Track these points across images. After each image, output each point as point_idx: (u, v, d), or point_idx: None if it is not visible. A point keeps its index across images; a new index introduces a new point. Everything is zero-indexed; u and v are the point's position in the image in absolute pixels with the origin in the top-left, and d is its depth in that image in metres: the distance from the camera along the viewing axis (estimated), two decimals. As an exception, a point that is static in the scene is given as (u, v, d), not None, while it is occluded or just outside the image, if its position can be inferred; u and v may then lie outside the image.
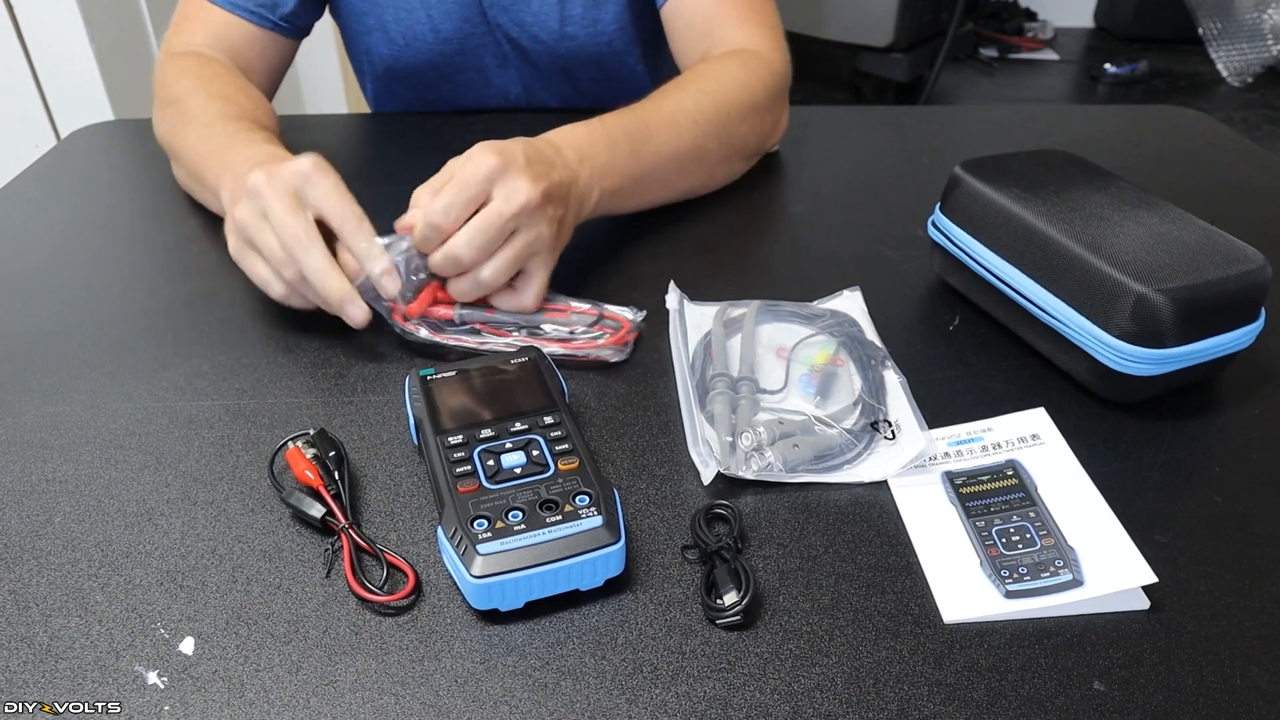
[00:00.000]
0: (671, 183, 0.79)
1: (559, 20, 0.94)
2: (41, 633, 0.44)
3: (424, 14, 0.94)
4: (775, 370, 0.61)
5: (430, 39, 0.95)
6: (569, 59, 0.97)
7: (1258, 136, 3.06)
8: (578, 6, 0.93)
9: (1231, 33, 3.50)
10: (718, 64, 0.84)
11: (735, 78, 0.82)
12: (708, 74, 0.82)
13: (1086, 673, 0.43)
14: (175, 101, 0.79)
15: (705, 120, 0.78)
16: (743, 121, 0.81)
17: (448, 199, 0.59)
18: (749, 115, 0.82)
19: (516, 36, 0.96)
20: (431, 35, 0.95)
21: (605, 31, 0.95)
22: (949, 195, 0.68)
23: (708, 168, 0.81)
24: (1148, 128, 1.03)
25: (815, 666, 0.43)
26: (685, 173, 0.79)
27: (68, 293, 0.70)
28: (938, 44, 3.02)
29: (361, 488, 0.53)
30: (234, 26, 0.87)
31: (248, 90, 0.83)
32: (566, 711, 0.41)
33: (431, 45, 0.96)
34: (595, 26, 0.95)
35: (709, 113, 0.78)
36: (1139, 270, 0.55)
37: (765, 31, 0.87)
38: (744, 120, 0.81)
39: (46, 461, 0.54)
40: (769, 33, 0.88)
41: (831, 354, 0.61)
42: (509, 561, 0.44)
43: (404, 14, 0.94)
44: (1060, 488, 0.52)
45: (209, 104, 0.77)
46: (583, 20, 0.94)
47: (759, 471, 0.52)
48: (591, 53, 0.96)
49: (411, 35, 0.95)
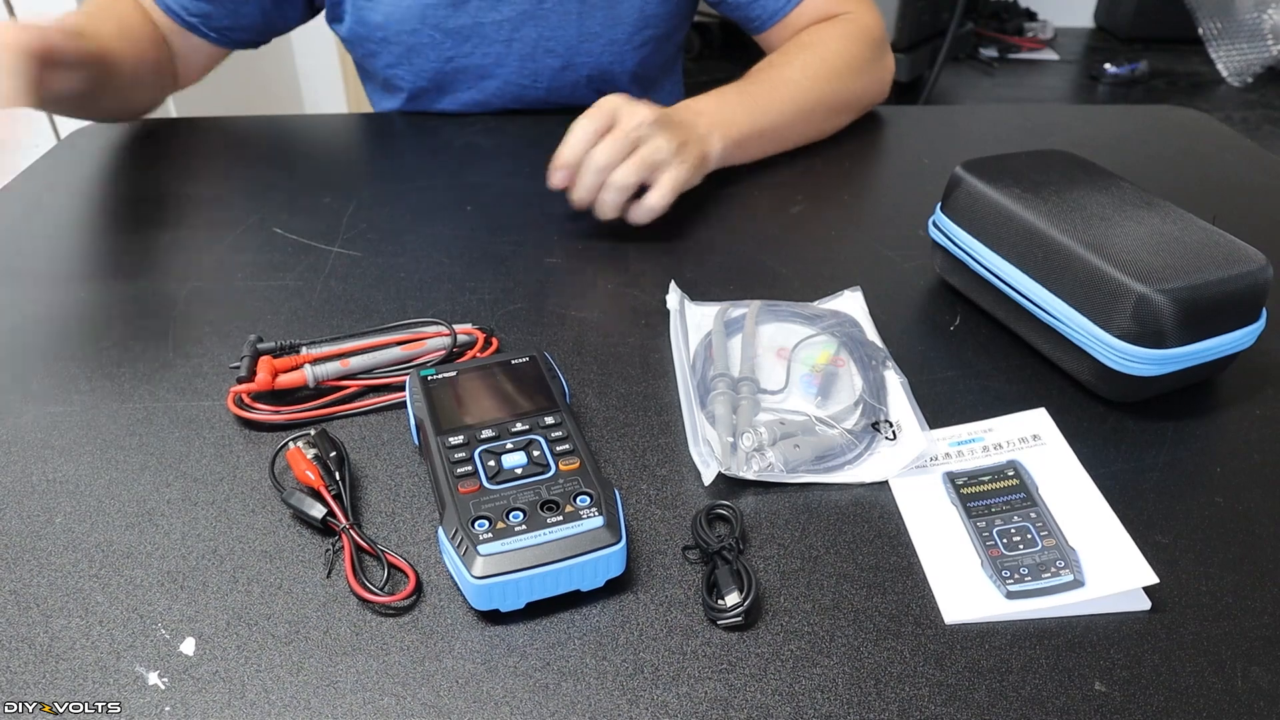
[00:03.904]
0: (786, 136, 0.89)
1: (577, 35, 0.96)
2: (42, 633, 0.44)
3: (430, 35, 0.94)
4: (776, 370, 0.61)
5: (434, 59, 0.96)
6: (577, 70, 0.99)
7: (1258, 136, 3.06)
8: (597, 23, 0.96)
9: (1231, 33, 3.50)
10: (817, 32, 0.94)
11: (836, 41, 0.92)
12: (810, 42, 0.93)
13: (1088, 673, 0.43)
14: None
15: (812, 81, 0.89)
16: (846, 79, 0.92)
17: (583, 125, 0.72)
18: (851, 73, 0.92)
19: (530, 52, 0.97)
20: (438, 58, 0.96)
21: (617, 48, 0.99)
22: (949, 195, 0.68)
23: (817, 122, 0.92)
24: (1148, 128, 1.03)
25: (816, 667, 0.43)
26: (797, 128, 0.90)
27: (68, 293, 0.70)
28: (938, 44, 3.02)
29: (362, 488, 0.53)
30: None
31: (121, 18, 0.87)
32: (567, 712, 0.41)
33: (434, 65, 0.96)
34: (610, 43, 0.98)
35: (815, 74, 0.89)
36: (1140, 270, 0.55)
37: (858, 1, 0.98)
38: (847, 78, 0.92)
39: (47, 462, 0.54)
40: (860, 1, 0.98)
41: (832, 354, 0.61)
42: (510, 562, 0.44)
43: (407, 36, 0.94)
44: (1061, 488, 0.52)
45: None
46: (600, 38, 0.97)
47: (760, 472, 0.52)
48: (604, 68, 1.00)
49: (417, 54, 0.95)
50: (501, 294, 0.69)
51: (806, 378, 0.60)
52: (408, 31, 0.93)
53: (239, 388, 0.57)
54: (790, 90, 0.88)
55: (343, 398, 0.59)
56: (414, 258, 0.74)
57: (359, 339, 0.62)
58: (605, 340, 0.65)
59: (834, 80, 0.90)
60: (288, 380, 0.58)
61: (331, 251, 0.75)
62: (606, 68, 1.00)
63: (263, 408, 0.57)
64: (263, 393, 0.57)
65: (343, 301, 0.69)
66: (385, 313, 0.67)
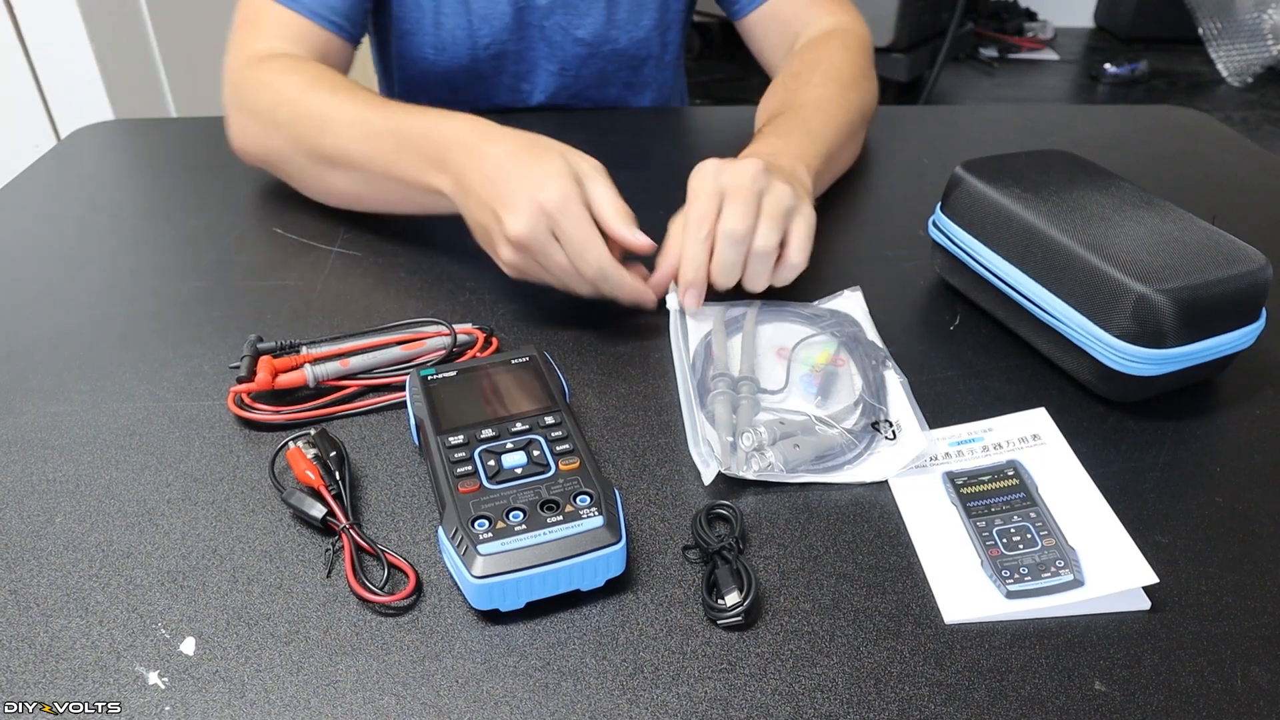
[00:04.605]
0: (841, 155, 0.84)
1: (605, 23, 0.97)
2: (42, 633, 0.44)
3: (465, 20, 0.94)
4: (776, 370, 0.61)
5: (467, 45, 0.95)
6: (607, 61, 1.00)
7: (1258, 136, 3.06)
8: (623, 10, 0.97)
9: (1231, 33, 3.50)
10: (821, 47, 0.90)
11: (841, 53, 0.90)
12: (819, 60, 0.89)
13: (1087, 673, 0.43)
14: (290, 102, 0.75)
15: (840, 94, 0.85)
16: (862, 86, 0.89)
17: (697, 208, 0.62)
18: (861, 83, 0.89)
19: (559, 40, 0.97)
20: (469, 41, 0.95)
21: (642, 35, 0.99)
22: (949, 195, 0.68)
23: (857, 135, 0.88)
24: (1148, 128, 1.03)
25: (816, 667, 0.43)
26: (849, 147, 0.86)
27: (68, 292, 0.70)
28: (938, 44, 3.02)
29: (362, 488, 0.53)
30: (311, 30, 0.83)
31: (364, 86, 0.77)
32: (567, 712, 0.41)
33: (468, 50, 0.96)
34: (635, 30, 0.99)
35: (840, 87, 0.86)
36: (1140, 270, 0.55)
37: (843, 7, 0.96)
38: (862, 85, 0.89)
39: (47, 461, 0.54)
40: (846, 7, 0.96)
41: (832, 354, 0.61)
42: (510, 562, 0.44)
43: (445, 19, 0.94)
44: (1061, 488, 0.52)
45: (340, 98, 0.72)
46: (626, 24, 0.98)
47: (760, 471, 0.52)
48: (631, 54, 1.00)
49: (450, 40, 0.95)
50: (501, 294, 0.69)
51: (806, 377, 0.60)
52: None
53: (239, 388, 0.57)
54: (829, 108, 0.84)
55: (343, 398, 0.59)
56: (414, 258, 0.74)
57: (359, 339, 0.62)
58: (605, 340, 0.65)
59: (853, 90, 0.88)
60: (288, 380, 0.58)
61: (331, 251, 0.75)
62: (634, 54, 1.01)
63: (263, 408, 0.57)
64: (263, 393, 0.57)
65: (343, 301, 0.69)
66: (385, 313, 0.67)
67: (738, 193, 0.62)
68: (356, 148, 0.70)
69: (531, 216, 0.58)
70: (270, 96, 0.76)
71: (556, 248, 0.59)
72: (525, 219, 0.58)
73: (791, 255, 0.63)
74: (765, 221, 0.62)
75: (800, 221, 0.64)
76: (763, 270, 0.63)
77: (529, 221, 0.58)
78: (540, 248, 0.59)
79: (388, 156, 0.69)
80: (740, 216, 0.61)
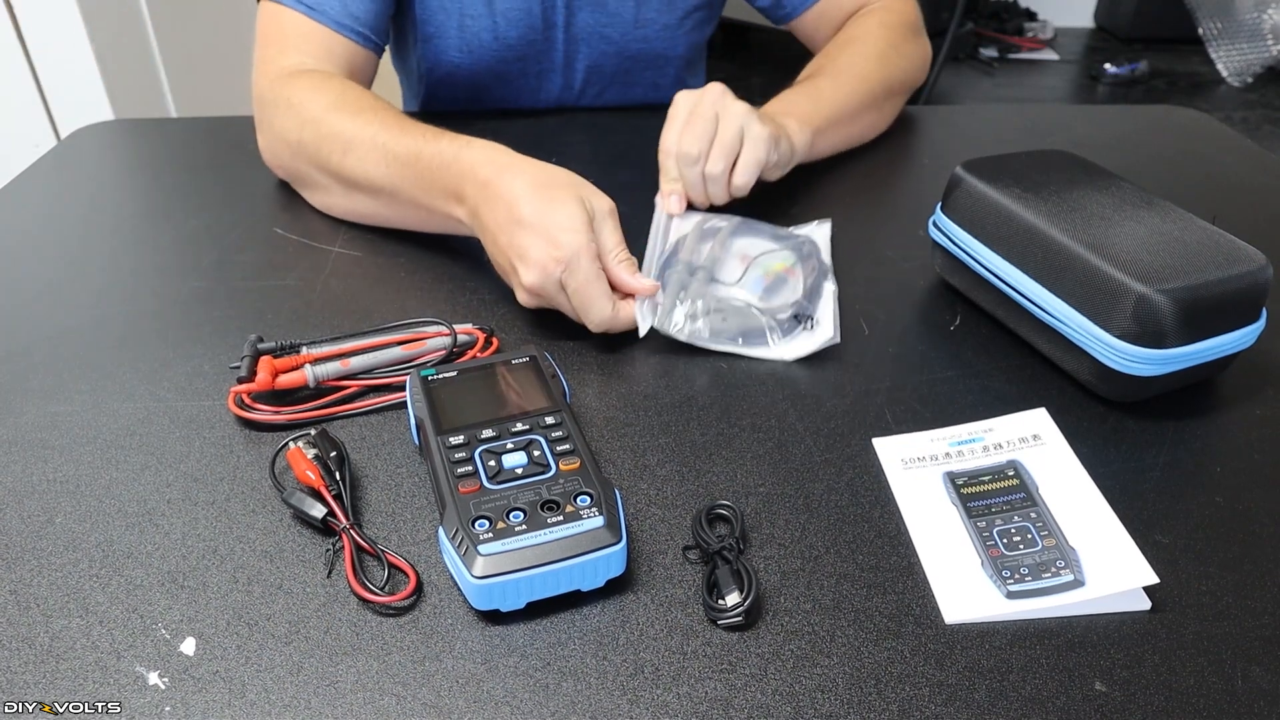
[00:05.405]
0: (855, 122, 0.91)
1: (633, 22, 0.98)
2: (42, 633, 0.44)
3: (489, 21, 0.94)
4: (735, 269, 0.69)
5: (493, 46, 0.95)
6: (633, 59, 1.01)
7: (1258, 136, 3.06)
8: (652, 9, 0.98)
9: (1231, 33, 3.50)
10: (858, 25, 0.97)
11: (877, 29, 0.96)
12: (854, 35, 0.96)
13: (1088, 673, 0.43)
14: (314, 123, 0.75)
15: (866, 67, 0.92)
16: (894, 61, 0.95)
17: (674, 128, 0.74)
18: (898, 55, 0.95)
19: (585, 37, 0.98)
20: (494, 43, 0.95)
21: (670, 35, 1.01)
22: (949, 195, 0.68)
23: (879, 105, 0.94)
24: (1148, 128, 1.03)
25: (816, 667, 0.43)
26: (866, 115, 0.92)
27: (68, 292, 0.70)
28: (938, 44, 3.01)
29: (363, 488, 0.53)
30: (336, 42, 0.83)
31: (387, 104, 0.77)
32: (568, 712, 0.41)
33: (494, 52, 0.96)
34: (663, 30, 1.00)
35: (868, 60, 0.92)
36: (1140, 270, 0.55)
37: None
38: (895, 60, 0.95)
39: (47, 461, 0.54)
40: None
41: (789, 266, 0.69)
42: (510, 562, 0.44)
43: (470, 21, 0.94)
44: (1061, 488, 0.52)
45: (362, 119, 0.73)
46: (654, 23, 0.99)
47: (689, 335, 0.62)
48: (658, 52, 1.02)
49: (475, 43, 0.95)
50: (501, 294, 0.69)
51: (758, 279, 0.67)
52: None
53: (239, 388, 0.57)
54: (849, 78, 0.90)
55: (343, 398, 0.59)
56: (414, 258, 0.74)
57: (359, 339, 0.62)
58: (605, 340, 0.65)
59: (885, 65, 0.93)
60: (288, 380, 0.58)
61: (331, 251, 0.75)
62: (661, 52, 1.02)
63: (263, 408, 0.57)
64: (263, 393, 0.57)
65: (343, 301, 0.69)
66: (385, 313, 0.67)
67: (694, 119, 0.73)
68: (378, 172, 0.71)
69: (544, 272, 0.60)
70: (295, 117, 0.76)
71: (565, 297, 0.62)
72: (538, 274, 0.60)
73: (736, 177, 0.74)
74: (716, 148, 0.72)
75: (750, 146, 0.73)
76: (716, 190, 0.74)
77: (541, 277, 0.60)
78: (550, 296, 0.62)
79: (408, 184, 0.70)
80: (692, 140, 0.72)
